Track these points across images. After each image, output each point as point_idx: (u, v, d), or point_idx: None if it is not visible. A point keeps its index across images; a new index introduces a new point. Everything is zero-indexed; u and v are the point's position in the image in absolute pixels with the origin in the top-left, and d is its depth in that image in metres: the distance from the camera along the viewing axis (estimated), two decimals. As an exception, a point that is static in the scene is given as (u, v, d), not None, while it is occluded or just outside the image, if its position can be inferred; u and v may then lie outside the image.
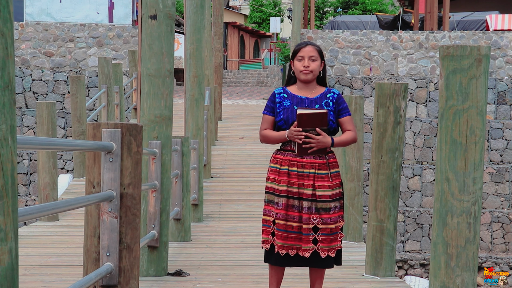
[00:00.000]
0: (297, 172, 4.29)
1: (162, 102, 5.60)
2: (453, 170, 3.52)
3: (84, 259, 3.40)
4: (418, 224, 17.53)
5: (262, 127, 4.43)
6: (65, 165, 18.28)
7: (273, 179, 4.34)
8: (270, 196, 4.35)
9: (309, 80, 4.39)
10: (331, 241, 4.30)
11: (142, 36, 5.56)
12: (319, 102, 4.39)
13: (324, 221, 4.27)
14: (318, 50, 4.41)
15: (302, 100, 4.38)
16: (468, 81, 3.50)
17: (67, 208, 2.99)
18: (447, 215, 3.54)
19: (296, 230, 4.29)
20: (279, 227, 4.30)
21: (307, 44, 4.40)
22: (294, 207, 4.29)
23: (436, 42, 20.32)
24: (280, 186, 4.30)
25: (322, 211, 4.27)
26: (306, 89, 4.42)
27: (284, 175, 4.31)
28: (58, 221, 9.14)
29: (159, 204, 5.68)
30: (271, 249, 4.35)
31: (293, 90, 4.43)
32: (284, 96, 4.40)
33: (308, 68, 4.36)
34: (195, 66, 9.48)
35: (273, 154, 4.42)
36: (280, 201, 4.29)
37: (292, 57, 4.42)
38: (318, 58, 4.39)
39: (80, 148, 3.25)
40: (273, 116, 4.40)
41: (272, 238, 4.33)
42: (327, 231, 4.28)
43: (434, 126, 18.45)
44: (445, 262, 3.55)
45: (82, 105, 11.89)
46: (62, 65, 20.06)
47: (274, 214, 4.31)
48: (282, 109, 4.36)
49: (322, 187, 4.28)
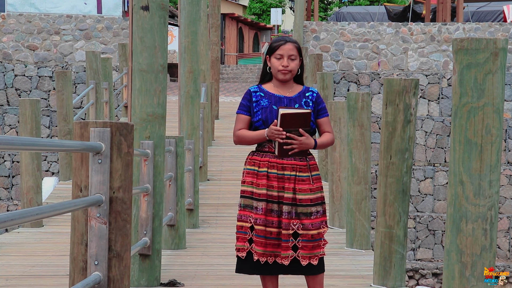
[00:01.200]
0: (277, 175, 4.31)
1: (155, 99, 5.60)
2: (468, 173, 3.52)
3: (71, 268, 3.40)
4: (430, 230, 17.53)
5: (237, 127, 4.43)
6: (50, 167, 18.28)
7: (250, 182, 4.35)
8: (247, 201, 4.35)
9: (287, 80, 4.41)
10: (313, 248, 4.31)
11: (133, 28, 5.56)
12: (298, 102, 4.40)
13: (305, 227, 4.28)
14: (298, 47, 4.42)
15: (281, 99, 4.39)
16: (484, 76, 3.50)
17: (52, 214, 2.99)
18: (462, 221, 3.54)
19: (275, 236, 4.31)
20: (258, 233, 4.30)
21: (287, 41, 4.40)
22: (273, 211, 4.31)
23: (449, 34, 20.32)
24: (259, 189, 4.31)
25: (303, 215, 4.29)
26: (284, 88, 4.43)
27: (263, 177, 4.31)
28: (42, 228, 9.14)
29: (151, 209, 5.68)
30: (246, 257, 4.35)
31: (270, 89, 4.43)
32: (260, 94, 4.40)
33: (287, 68, 4.37)
34: (190, 61, 9.47)
35: (248, 155, 4.42)
36: (260, 206, 4.30)
37: (270, 53, 4.42)
38: (297, 56, 4.41)
39: (66, 149, 3.25)
40: (249, 115, 4.40)
41: (249, 246, 4.34)
42: (308, 237, 4.29)
43: (447, 125, 18.45)
44: (460, 272, 3.55)
45: (69, 103, 11.89)
46: (47, 59, 20.05)
47: (253, 219, 4.32)
48: (260, 108, 4.37)
49: (303, 190, 4.30)
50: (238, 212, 4.40)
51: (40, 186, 9.50)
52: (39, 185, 9.43)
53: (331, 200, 9.09)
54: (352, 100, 7.75)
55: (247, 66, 28.95)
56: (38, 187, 9.41)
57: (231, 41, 39.17)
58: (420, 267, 16.14)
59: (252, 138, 4.38)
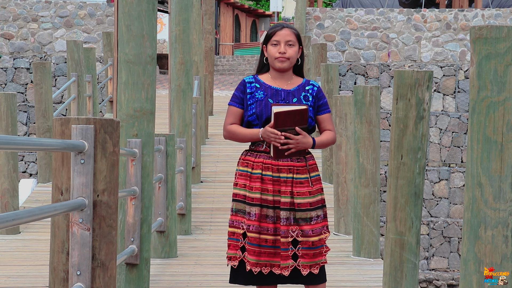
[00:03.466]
0: (272, 177, 4.31)
1: (143, 94, 5.60)
2: (487, 174, 3.52)
3: (50, 279, 3.40)
4: (445, 237, 17.56)
5: (228, 121, 4.44)
6: (28, 168, 18.28)
7: (243, 184, 4.35)
8: (239, 205, 4.36)
9: (285, 69, 4.41)
10: (314, 256, 4.32)
11: (119, 15, 5.56)
12: (297, 95, 4.41)
13: (305, 233, 4.29)
14: (296, 34, 4.43)
15: (278, 92, 4.39)
16: (505, 68, 3.50)
17: (30, 219, 2.99)
18: (480, 227, 3.54)
19: (270, 244, 4.31)
20: (251, 241, 4.31)
21: (283, 26, 4.42)
22: (268, 217, 4.31)
23: (467, 22, 20.33)
24: (252, 193, 4.32)
25: (302, 221, 4.29)
26: (281, 79, 4.44)
27: (256, 180, 4.32)
28: (19, 234, 9.14)
29: (139, 214, 5.69)
30: (239, 266, 4.36)
31: (266, 80, 4.44)
32: (256, 86, 4.41)
33: (284, 54, 4.37)
34: (181, 51, 9.48)
35: (241, 155, 4.43)
36: (253, 211, 4.30)
37: (265, 42, 4.43)
38: (296, 43, 4.41)
39: (45, 148, 3.24)
40: (242, 108, 4.41)
41: (242, 254, 4.34)
42: (309, 244, 4.30)
43: (464, 121, 18.48)
44: (478, 283, 3.56)
45: (48, 97, 11.89)
46: (24, 49, 20.05)
47: (245, 225, 4.32)
48: (254, 101, 4.37)
49: (301, 193, 4.30)
50: (230, 217, 4.41)
51: (17, 188, 9.50)
52: (15, 187, 9.44)
53: (336, 204, 9.10)
54: (359, 95, 7.75)
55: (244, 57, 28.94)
56: (15, 190, 9.41)
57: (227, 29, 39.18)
58: (434, 278, 16.16)
59: (244, 137, 4.38)
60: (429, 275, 16.27)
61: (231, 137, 4.44)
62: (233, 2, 39.45)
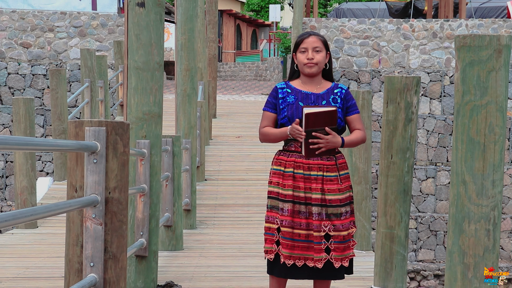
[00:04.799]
0: (303, 175, 4.29)
1: (151, 98, 5.60)
2: (470, 172, 3.52)
3: (66, 270, 3.40)
4: (431, 231, 17.54)
5: (262, 125, 4.43)
6: (45, 167, 18.27)
7: (276, 182, 4.34)
8: (273, 202, 4.34)
9: (314, 74, 4.39)
10: (344, 250, 4.31)
11: (129, 25, 5.56)
12: (326, 98, 4.39)
13: (336, 228, 4.27)
14: (323, 40, 4.41)
15: (308, 96, 4.38)
16: (487, 74, 3.50)
17: (47, 215, 2.99)
18: (464, 221, 3.54)
19: (303, 238, 4.28)
20: (284, 235, 4.29)
21: (310, 34, 4.40)
22: (300, 213, 4.29)
23: (452, 31, 20.32)
24: (285, 190, 4.30)
25: (333, 217, 4.27)
26: (311, 84, 4.42)
27: (289, 178, 4.30)
28: (37, 229, 9.14)
29: (148, 210, 5.68)
30: (275, 259, 4.34)
31: (297, 85, 4.42)
32: (287, 91, 4.39)
33: (312, 60, 4.36)
34: (187, 58, 9.47)
35: (275, 155, 4.42)
36: (286, 207, 4.29)
37: (295, 50, 4.43)
38: (323, 49, 4.39)
39: (61, 149, 3.25)
40: (275, 113, 4.39)
41: (277, 248, 4.32)
42: (340, 239, 4.28)
43: (449, 123, 18.46)
44: (462, 273, 3.56)
45: (63, 101, 11.89)
46: (41, 57, 20.04)
47: (279, 221, 4.30)
48: (286, 105, 4.36)
49: (331, 190, 4.28)
50: (266, 213, 4.39)
51: (35, 186, 9.50)
52: (33, 185, 9.43)
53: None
54: (352, 98, 7.75)
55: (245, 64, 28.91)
56: (33, 188, 9.41)
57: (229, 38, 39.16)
58: (421, 269, 16.15)
59: (275, 136, 4.37)
60: (417, 266, 16.26)
61: (265, 138, 4.43)
62: (234, 12, 39.43)
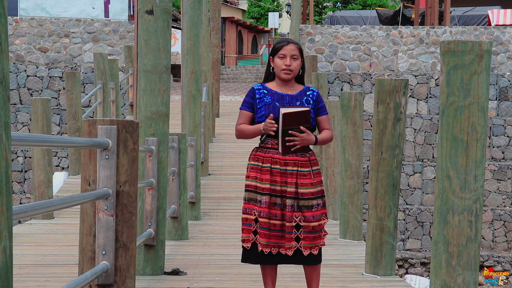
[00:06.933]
0: (279, 170, 4.32)
1: (159, 99, 5.60)
2: (454, 168, 3.52)
3: (80, 258, 3.40)
4: (418, 222, 17.54)
5: (239, 122, 4.45)
6: (60, 162, 18.27)
7: (254, 177, 4.36)
8: (251, 194, 4.36)
9: (289, 79, 4.42)
10: (314, 239, 4.33)
11: (139, 31, 5.55)
12: (300, 99, 4.42)
13: (306, 219, 4.31)
14: (299, 48, 4.45)
15: (283, 97, 4.41)
16: (470, 77, 3.50)
17: (62, 206, 2.99)
18: (448, 213, 3.54)
19: (278, 228, 4.32)
20: (262, 225, 4.32)
21: (289, 42, 4.43)
22: (276, 205, 4.32)
23: (437, 37, 20.31)
24: (262, 184, 4.32)
25: (305, 208, 4.30)
26: (286, 86, 4.46)
27: (266, 173, 4.33)
28: (53, 219, 9.14)
29: (155, 202, 5.68)
30: (251, 248, 4.36)
31: (273, 87, 4.46)
32: (264, 92, 4.42)
33: (289, 67, 4.39)
34: (192, 62, 9.47)
35: (252, 151, 4.44)
36: (263, 199, 4.32)
37: (273, 54, 4.44)
38: (299, 57, 4.43)
39: (75, 145, 3.25)
40: (252, 112, 4.42)
41: (254, 237, 4.35)
42: (309, 229, 4.31)
43: (435, 122, 18.45)
44: (446, 261, 3.56)
45: (78, 102, 11.89)
46: (57, 60, 20.04)
47: (257, 212, 4.33)
48: (263, 104, 4.39)
49: (304, 184, 4.31)
50: (243, 205, 4.40)
51: (51, 180, 9.50)
52: (50, 179, 9.43)
53: (326, 194, 9.08)
54: (345, 99, 7.74)
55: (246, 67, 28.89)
56: (49, 181, 9.41)
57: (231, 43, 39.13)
58: (409, 257, 16.15)
59: (250, 132, 4.39)
60: (405, 255, 16.26)
61: (241, 134, 4.45)
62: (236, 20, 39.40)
